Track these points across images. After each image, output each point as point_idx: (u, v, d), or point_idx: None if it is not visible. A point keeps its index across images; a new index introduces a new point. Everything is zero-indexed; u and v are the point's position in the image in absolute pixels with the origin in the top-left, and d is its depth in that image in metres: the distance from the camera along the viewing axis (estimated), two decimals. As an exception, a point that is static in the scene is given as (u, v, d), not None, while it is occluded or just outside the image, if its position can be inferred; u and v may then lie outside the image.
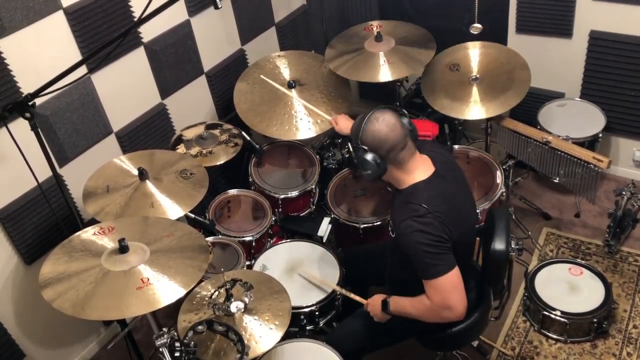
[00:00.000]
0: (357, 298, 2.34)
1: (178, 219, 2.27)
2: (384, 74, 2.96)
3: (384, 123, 1.97)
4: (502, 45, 3.15)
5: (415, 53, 3.03)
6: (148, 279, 1.82)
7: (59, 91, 2.37)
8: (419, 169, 2.01)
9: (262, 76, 3.09)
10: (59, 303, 1.74)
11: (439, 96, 2.99)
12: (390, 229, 2.15)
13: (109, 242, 1.98)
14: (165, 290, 1.80)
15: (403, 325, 2.20)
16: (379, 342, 2.29)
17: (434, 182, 1.99)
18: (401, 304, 2.09)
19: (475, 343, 2.68)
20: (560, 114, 3.36)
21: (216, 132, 3.04)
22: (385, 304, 2.13)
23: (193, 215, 2.60)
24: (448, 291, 1.92)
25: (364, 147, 1.98)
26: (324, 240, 2.81)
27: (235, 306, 2.07)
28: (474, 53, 3.10)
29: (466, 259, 2.17)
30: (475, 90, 2.95)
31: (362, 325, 2.28)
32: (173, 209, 2.37)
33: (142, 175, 2.45)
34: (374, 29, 3.22)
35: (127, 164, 2.55)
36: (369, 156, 1.97)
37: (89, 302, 1.74)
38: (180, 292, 1.81)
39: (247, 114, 3.07)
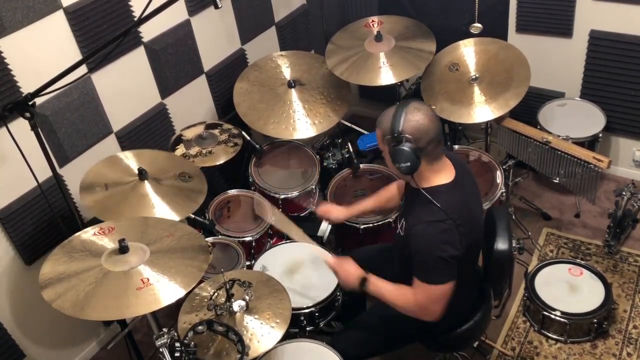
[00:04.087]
0: (325, 254, 2.26)
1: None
2: (385, 76, 2.95)
3: (426, 113, 1.90)
4: (500, 40, 3.14)
5: (415, 52, 3.03)
6: (148, 280, 1.82)
7: (59, 91, 2.36)
8: (445, 171, 1.98)
9: None
10: (59, 303, 1.74)
11: (439, 100, 2.98)
12: (399, 227, 2.11)
13: (109, 243, 1.97)
14: (165, 290, 1.80)
15: (407, 331, 2.21)
16: (384, 346, 2.29)
17: (455, 188, 1.96)
18: (380, 285, 2.05)
19: (475, 343, 2.68)
20: (560, 113, 3.35)
21: (216, 131, 3.04)
22: (363, 282, 2.07)
23: (193, 216, 2.60)
24: (437, 299, 1.92)
25: (407, 136, 1.88)
26: (324, 241, 2.80)
27: (237, 305, 2.06)
28: (471, 50, 3.09)
29: (473, 262, 2.15)
30: (476, 92, 2.94)
31: (367, 334, 2.27)
32: (169, 215, 2.37)
33: (142, 175, 2.45)
34: (375, 25, 3.21)
35: (130, 160, 2.56)
36: (411, 147, 1.87)
37: (89, 303, 1.74)
38: (181, 293, 1.80)
39: (247, 113, 3.07)
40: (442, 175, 1.97)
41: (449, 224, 1.86)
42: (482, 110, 2.89)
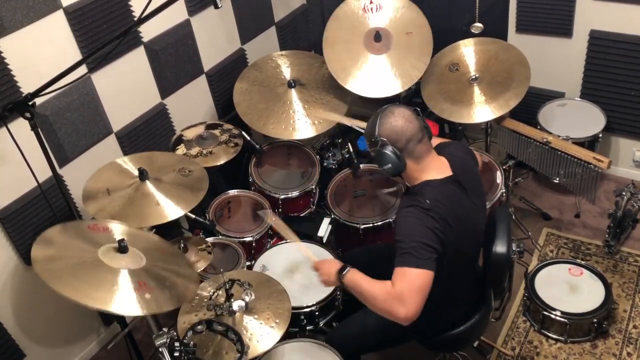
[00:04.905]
0: (311, 255, 2.20)
1: (178, 219, 2.26)
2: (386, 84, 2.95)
3: (400, 115, 1.96)
4: (501, 40, 3.14)
5: (415, 52, 3.02)
6: (138, 284, 1.79)
7: (59, 91, 2.37)
8: (434, 169, 1.99)
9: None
10: (40, 266, 1.70)
11: (438, 100, 2.98)
12: (393, 229, 2.13)
13: (110, 243, 1.96)
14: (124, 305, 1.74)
15: (405, 328, 2.19)
16: (380, 343, 2.29)
17: (447, 185, 1.96)
18: (358, 278, 1.96)
19: (475, 343, 2.68)
20: (560, 113, 3.35)
21: (216, 132, 3.04)
22: (342, 271, 1.99)
23: (193, 216, 2.61)
24: (415, 288, 1.81)
25: (382, 139, 1.95)
26: (324, 241, 2.81)
27: (237, 305, 2.07)
28: (471, 50, 3.09)
29: (469, 267, 2.14)
30: (476, 92, 2.94)
31: (363, 327, 2.26)
32: (173, 210, 2.36)
33: (142, 175, 2.45)
34: (373, 9, 3.08)
35: (128, 165, 2.55)
36: (389, 149, 1.94)
37: (64, 277, 1.70)
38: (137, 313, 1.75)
39: (247, 113, 3.07)
40: (432, 172, 1.98)
41: (432, 213, 1.86)
42: (482, 110, 2.89)
